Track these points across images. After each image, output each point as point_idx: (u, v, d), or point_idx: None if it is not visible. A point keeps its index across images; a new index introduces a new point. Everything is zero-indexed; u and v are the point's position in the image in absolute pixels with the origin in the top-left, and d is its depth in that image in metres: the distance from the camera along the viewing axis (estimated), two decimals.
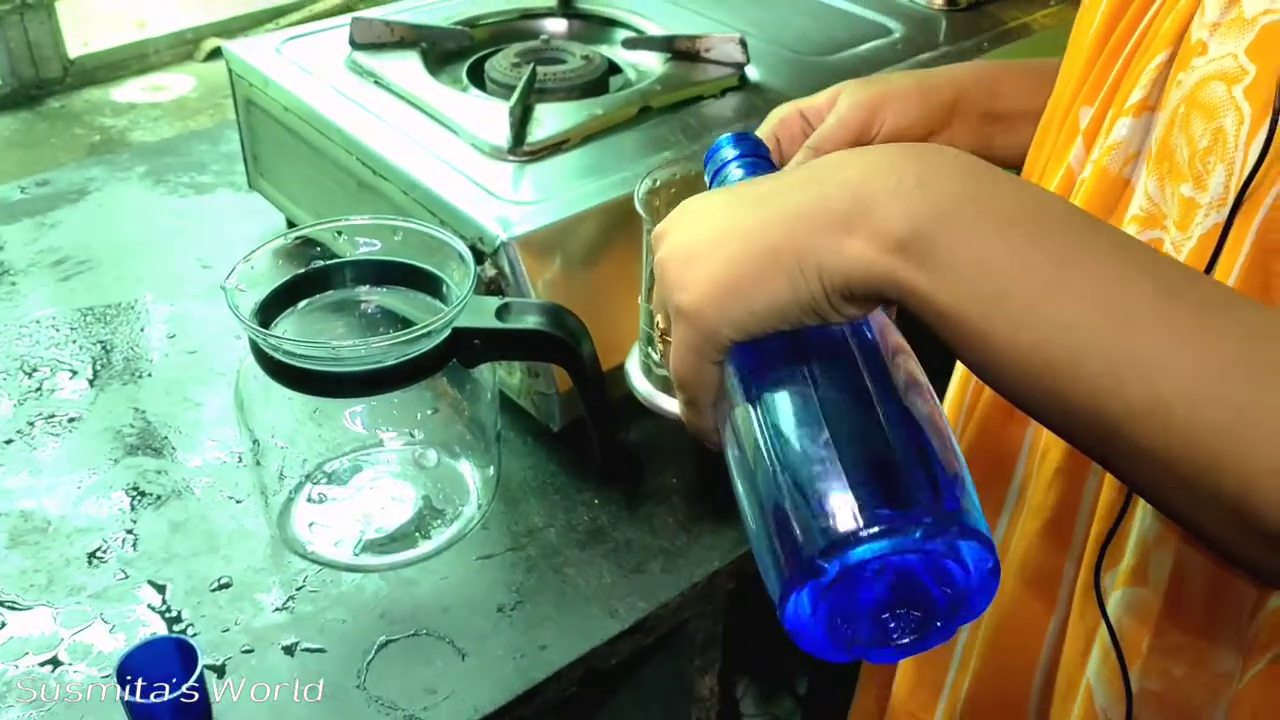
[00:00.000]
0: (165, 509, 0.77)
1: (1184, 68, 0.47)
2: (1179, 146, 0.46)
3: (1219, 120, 0.44)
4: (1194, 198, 0.45)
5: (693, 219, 0.44)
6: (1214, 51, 0.45)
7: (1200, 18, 0.47)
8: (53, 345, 0.92)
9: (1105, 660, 0.52)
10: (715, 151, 0.57)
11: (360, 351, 0.65)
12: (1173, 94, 0.48)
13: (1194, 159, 0.45)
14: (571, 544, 0.74)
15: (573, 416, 0.78)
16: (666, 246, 0.44)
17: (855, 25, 1.05)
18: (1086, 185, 0.52)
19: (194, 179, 1.16)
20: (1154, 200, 0.48)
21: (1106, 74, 0.52)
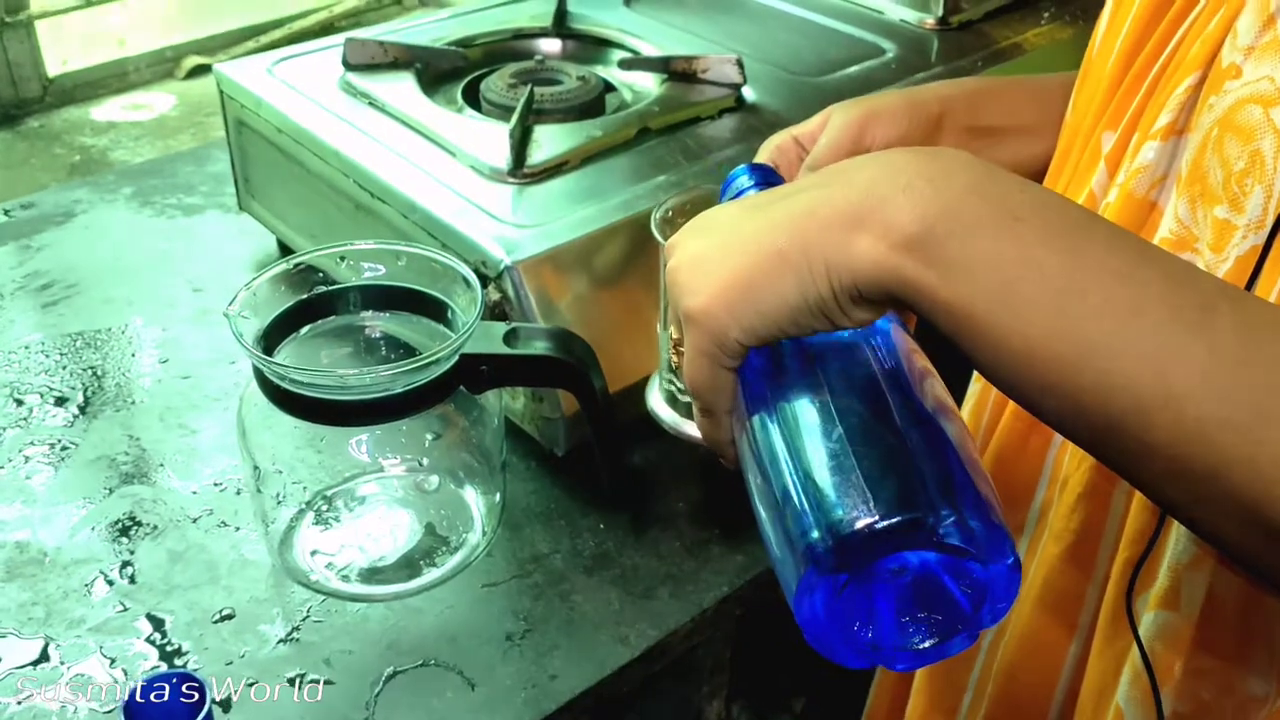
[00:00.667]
0: (163, 539, 0.75)
1: (1216, 91, 0.47)
2: (1212, 169, 0.47)
3: (1256, 143, 0.44)
4: (1230, 219, 0.46)
5: (703, 229, 0.45)
6: (1249, 75, 0.45)
7: (1233, 41, 0.47)
8: (42, 372, 0.91)
9: (1136, 683, 0.51)
10: (731, 181, 0.56)
11: (367, 380, 0.64)
12: (1204, 117, 0.48)
13: (1229, 181, 0.45)
14: (578, 570, 0.74)
15: (577, 441, 0.78)
16: (677, 256, 0.45)
17: (849, 45, 1.06)
18: (1112, 209, 0.52)
19: (182, 200, 1.15)
20: (1184, 223, 0.48)
21: (1130, 99, 0.52)
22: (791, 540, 0.39)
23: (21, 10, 1.35)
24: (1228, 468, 0.33)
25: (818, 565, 0.38)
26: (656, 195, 0.81)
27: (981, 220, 0.37)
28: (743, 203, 0.45)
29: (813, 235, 0.40)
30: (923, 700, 0.69)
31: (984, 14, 1.11)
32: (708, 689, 0.77)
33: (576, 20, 1.07)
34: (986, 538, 0.37)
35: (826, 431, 0.40)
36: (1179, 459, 0.34)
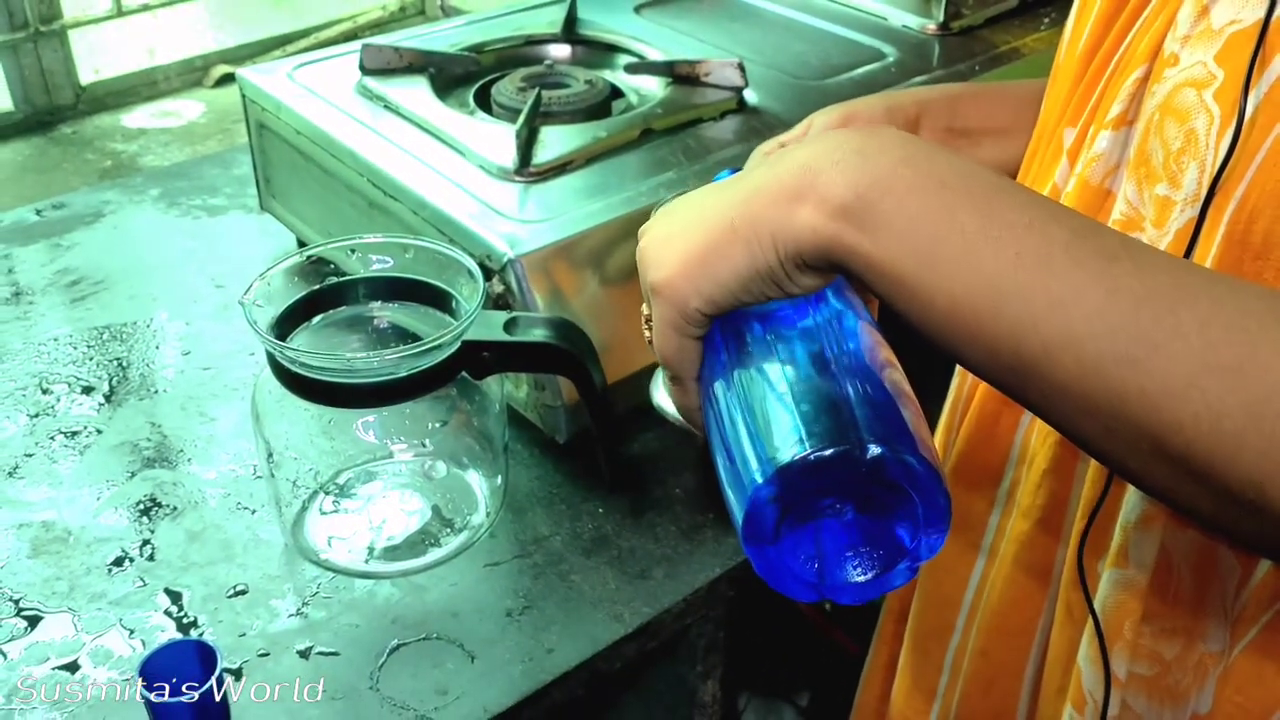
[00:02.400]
0: (182, 519, 0.79)
1: (1158, 79, 0.50)
2: (1155, 151, 0.49)
3: (1191, 123, 0.47)
4: (1169, 196, 0.49)
5: (668, 212, 0.48)
6: (1185, 61, 0.48)
7: (1173, 33, 0.49)
8: (70, 363, 0.94)
9: (1093, 643, 0.54)
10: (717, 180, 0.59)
11: (373, 364, 0.67)
12: (1148, 104, 0.50)
13: (1169, 160, 0.48)
14: (577, 551, 0.76)
15: (578, 428, 0.81)
16: (646, 237, 0.48)
17: (850, 50, 1.08)
18: (1070, 197, 0.54)
19: (206, 201, 1.19)
20: (1133, 204, 0.51)
21: (1089, 96, 0.55)
22: (742, 483, 0.42)
23: (55, 20, 1.40)
24: (1124, 400, 0.36)
25: (758, 496, 0.41)
26: (657, 193, 0.84)
27: (910, 187, 0.41)
28: (705, 188, 0.48)
29: (759, 209, 0.43)
30: (906, 681, 0.72)
31: (984, 19, 1.13)
32: (701, 668, 0.80)
33: (586, 26, 1.10)
34: (916, 473, 0.40)
35: (773, 385, 0.43)
36: (1084, 395, 0.37)
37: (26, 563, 0.75)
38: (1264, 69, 0.45)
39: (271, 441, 0.74)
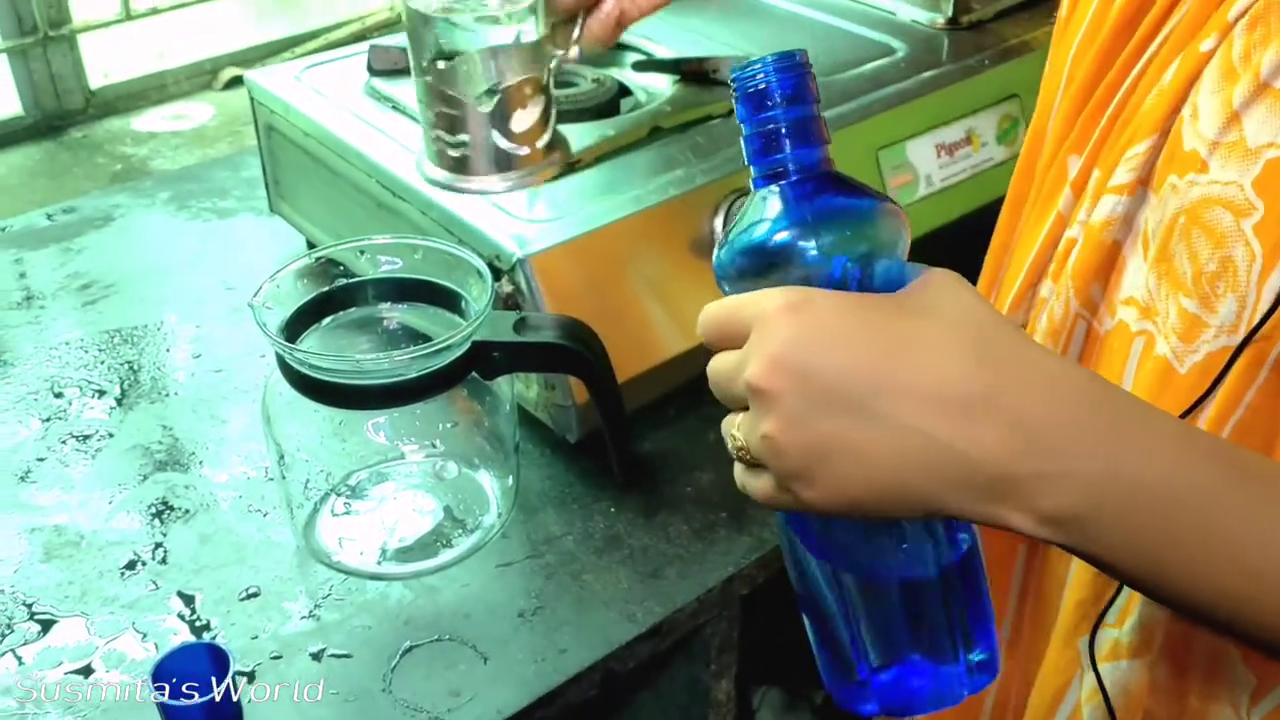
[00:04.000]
0: (194, 522, 0.79)
1: (1177, 167, 0.47)
2: (1178, 255, 0.48)
3: (1227, 250, 0.45)
4: (1200, 316, 0.47)
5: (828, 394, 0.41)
6: (1216, 174, 0.46)
7: (1193, 123, 0.47)
8: (81, 367, 0.95)
9: None
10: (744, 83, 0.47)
11: (383, 365, 0.67)
12: (1168, 196, 0.48)
13: (1199, 279, 0.47)
14: (589, 551, 0.76)
15: (589, 428, 0.80)
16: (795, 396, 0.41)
17: (859, 45, 1.08)
18: (1081, 250, 0.53)
19: (216, 204, 1.19)
20: (1152, 294, 0.50)
21: (1092, 127, 0.53)
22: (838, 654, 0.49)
23: (64, 24, 1.40)
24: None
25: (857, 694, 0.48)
26: (666, 191, 0.84)
27: (1119, 505, 0.39)
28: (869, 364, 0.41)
29: (949, 494, 0.40)
30: None
31: (994, 13, 1.13)
32: (715, 668, 0.80)
33: None
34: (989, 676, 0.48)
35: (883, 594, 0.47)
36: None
37: (39, 567, 0.75)
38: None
39: (282, 443, 0.74)
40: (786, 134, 0.45)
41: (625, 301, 0.81)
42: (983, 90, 1.02)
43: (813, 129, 0.45)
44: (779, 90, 0.44)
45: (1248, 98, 0.45)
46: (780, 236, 0.44)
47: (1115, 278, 0.53)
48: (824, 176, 0.45)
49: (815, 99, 0.45)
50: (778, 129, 0.44)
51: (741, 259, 0.45)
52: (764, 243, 0.45)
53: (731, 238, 0.46)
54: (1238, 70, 0.46)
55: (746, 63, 0.45)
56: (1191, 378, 0.48)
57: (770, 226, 0.45)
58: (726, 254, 0.46)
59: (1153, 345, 0.50)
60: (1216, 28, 0.47)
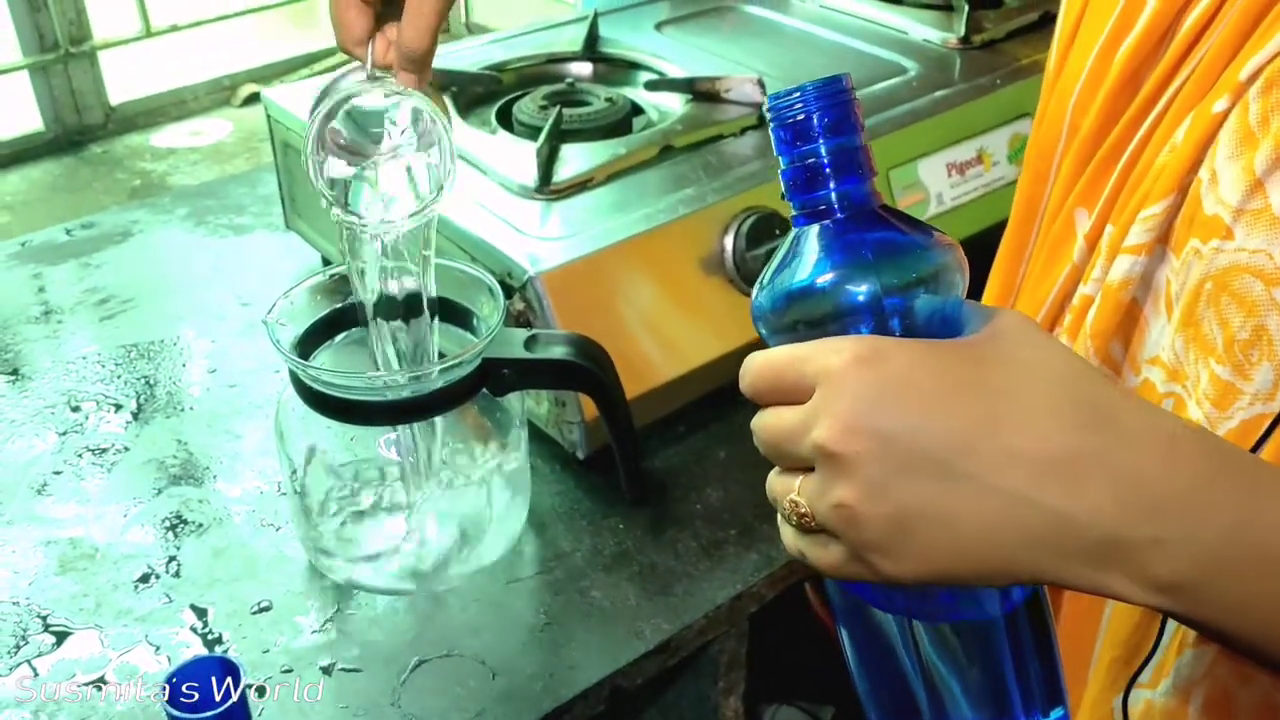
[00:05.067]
0: (207, 536, 0.80)
1: (1199, 231, 0.47)
2: (1206, 320, 0.47)
3: (1260, 318, 0.44)
4: (1233, 383, 0.46)
5: (911, 459, 0.38)
6: (1242, 241, 0.45)
7: (1213, 187, 0.46)
8: (98, 381, 0.96)
9: None
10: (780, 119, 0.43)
11: (394, 381, 0.67)
12: (1191, 261, 0.47)
13: (1232, 346, 0.46)
14: (598, 568, 0.77)
15: (598, 445, 0.81)
16: (875, 461, 0.38)
17: (871, 65, 1.08)
18: (1100, 309, 0.53)
19: (233, 220, 1.20)
20: (1179, 358, 0.49)
21: (1102, 181, 0.53)
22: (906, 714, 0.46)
23: (85, 41, 1.42)
24: None
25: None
26: (676, 209, 0.85)
27: (1235, 569, 0.37)
28: (952, 428, 0.38)
29: (1050, 561, 0.38)
30: None
31: (1006, 33, 1.13)
32: (724, 685, 0.80)
33: (607, 44, 1.11)
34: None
35: (955, 663, 0.44)
36: None
37: (54, 579, 0.76)
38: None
39: (294, 458, 0.75)
40: (831, 168, 0.41)
41: (636, 319, 0.82)
42: (994, 109, 1.02)
43: (860, 160, 0.42)
44: (823, 120, 0.41)
45: (1270, 164, 0.44)
46: (833, 281, 0.41)
47: (1137, 336, 0.52)
48: (873, 212, 0.42)
49: (861, 127, 0.42)
50: (821, 163, 0.41)
51: (789, 305, 0.42)
52: (815, 287, 0.41)
53: (774, 281, 0.43)
54: (1256, 135, 0.45)
55: (785, 90, 0.42)
56: None
57: (819, 269, 0.41)
58: (768, 298, 0.43)
59: (1183, 408, 0.49)
60: (1228, 88, 0.46)
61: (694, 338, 0.84)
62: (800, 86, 0.41)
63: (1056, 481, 0.37)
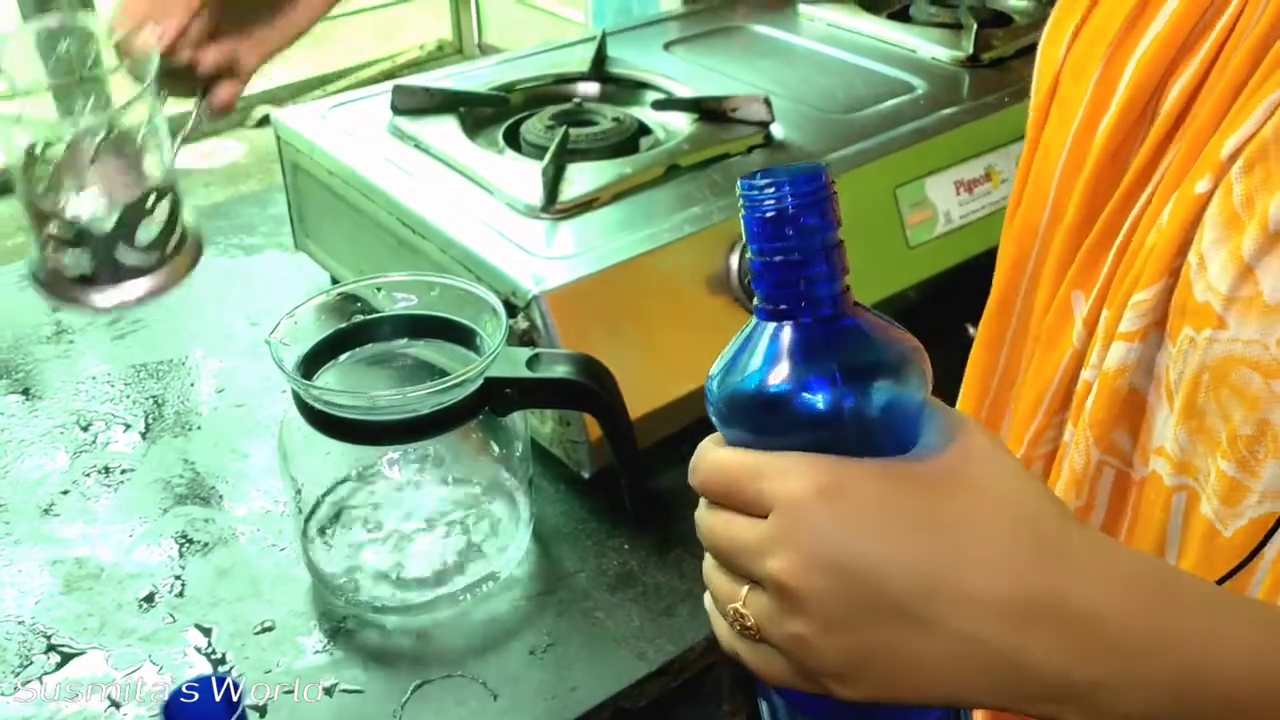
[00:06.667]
0: (212, 556, 0.80)
1: (1191, 320, 0.45)
2: (1209, 413, 0.46)
3: (1262, 413, 0.43)
4: (1241, 481, 0.45)
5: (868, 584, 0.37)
6: (1236, 331, 0.43)
7: (1201, 273, 0.44)
8: (107, 400, 0.96)
9: None
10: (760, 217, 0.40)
11: (397, 401, 0.68)
12: (1186, 349, 0.46)
13: (1235, 441, 0.44)
14: (602, 588, 0.76)
15: (603, 464, 0.81)
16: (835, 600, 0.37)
17: (879, 83, 1.08)
18: (1096, 397, 0.51)
19: (243, 240, 1.21)
20: (1184, 450, 0.48)
21: (1095, 264, 0.51)
22: None
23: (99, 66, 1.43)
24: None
25: None
26: (682, 228, 0.85)
27: (1200, 707, 0.37)
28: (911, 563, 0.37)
29: (1006, 699, 0.38)
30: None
31: (1014, 51, 1.13)
32: (728, 707, 0.79)
33: (615, 64, 1.11)
34: None
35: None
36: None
37: (59, 599, 0.76)
38: None
39: (298, 478, 0.75)
40: (804, 268, 0.39)
41: (641, 338, 0.82)
42: (1002, 127, 1.02)
43: (835, 260, 0.39)
44: (799, 218, 0.38)
45: (1258, 249, 0.42)
46: (793, 388, 0.39)
47: (1145, 426, 0.50)
48: (843, 317, 0.40)
49: (838, 223, 0.39)
50: (793, 262, 0.39)
51: (744, 403, 0.40)
52: (774, 392, 0.39)
53: (729, 375, 0.40)
54: (1242, 218, 0.43)
55: (757, 174, 0.39)
56: (1236, 542, 0.46)
57: (780, 374, 0.39)
58: (722, 392, 0.40)
59: (1196, 504, 0.48)
60: (1210, 167, 0.45)
61: (699, 357, 0.83)
62: (776, 175, 0.38)
63: (1013, 625, 0.37)
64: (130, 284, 0.66)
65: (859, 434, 0.39)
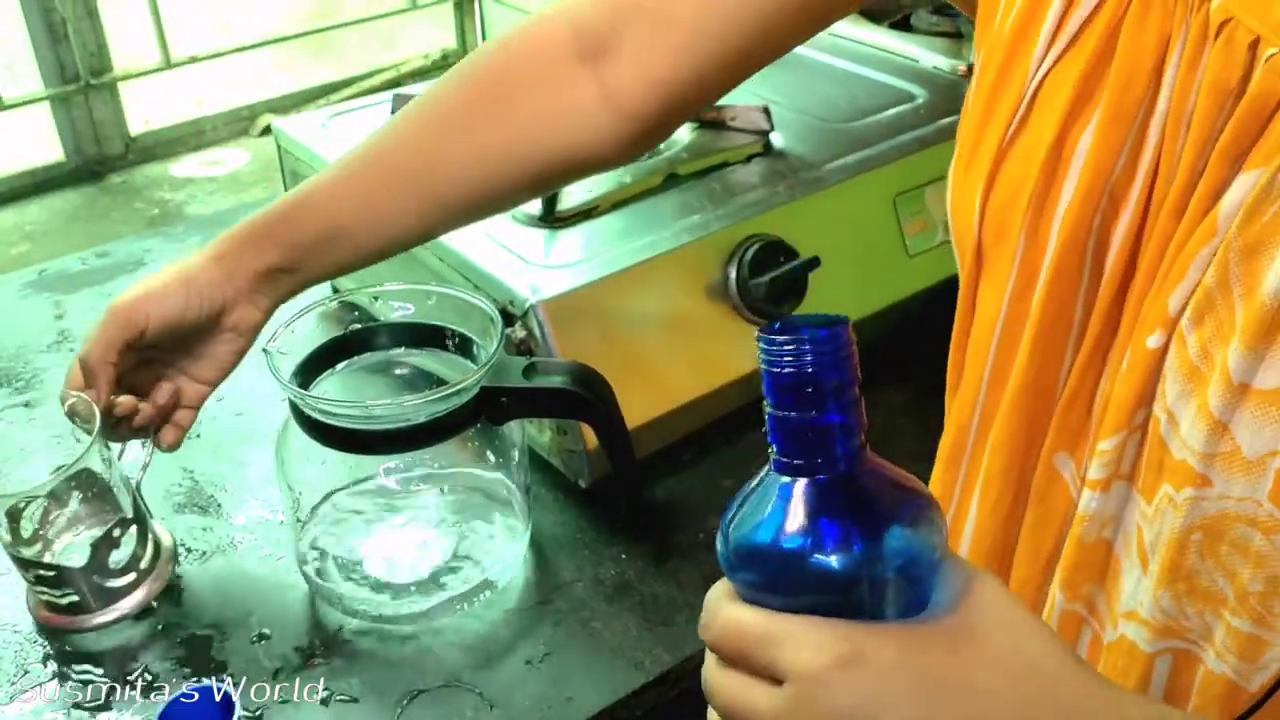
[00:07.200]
0: (209, 564, 0.80)
1: (1170, 478, 0.44)
2: (1206, 573, 0.44)
3: (1270, 570, 0.42)
4: (1260, 635, 0.44)
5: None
6: (1222, 489, 0.42)
7: (1174, 431, 0.44)
8: None
9: None
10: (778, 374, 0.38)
11: (393, 410, 0.68)
12: (1166, 510, 0.45)
13: (1246, 599, 0.43)
14: (599, 598, 0.76)
15: (601, 473, 0.81)
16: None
17: (879, 92, 1.08)
18: (1065, 552, 0.50)
19: None
20: (1169, 614, 0.46)
21: (1074, 423, 0.50)
22: None
23: (105, 72, 1.44)
24: None
25: None
26: (681, 237, 0.84)
27: None
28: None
29: None
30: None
31: None
32: None
33: None
34: None
35: None
36: None
37: None
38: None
39: (295, 487, 0.75)
40: (821, 428, 0.37)
41: (639, 347, 0.82)
42: None
43: (853, 417, 0.38)
44: (820, 380, 0.37)
45: (1226, 405, 0.41)
46: (809, 548, 0.38)
47: (1112, 584, 0.49)
48: (859, 476, 0.38)
49: (857, 379, 0.38)
50: (812, 423, 0.37)
51: (762, 564, 0.39)
52: (792, 555, 0.38)
53: (742, 529, 0.39)
54: (1202, 370, 0.42)
55: (778, 325, 0.37)
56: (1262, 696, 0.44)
57: (800, 536, 0.38)
58: (737, 549, 0.39)
59: (1191, 665, 0.47)
60: (1159, 323, 0.44)
61: (697, 366, 0.84)
62: (796, 330, 0.37)
63: None
64: (120, 603, 0.75)
65: (875, 594, 0.38)
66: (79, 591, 0.73)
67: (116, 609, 0.74)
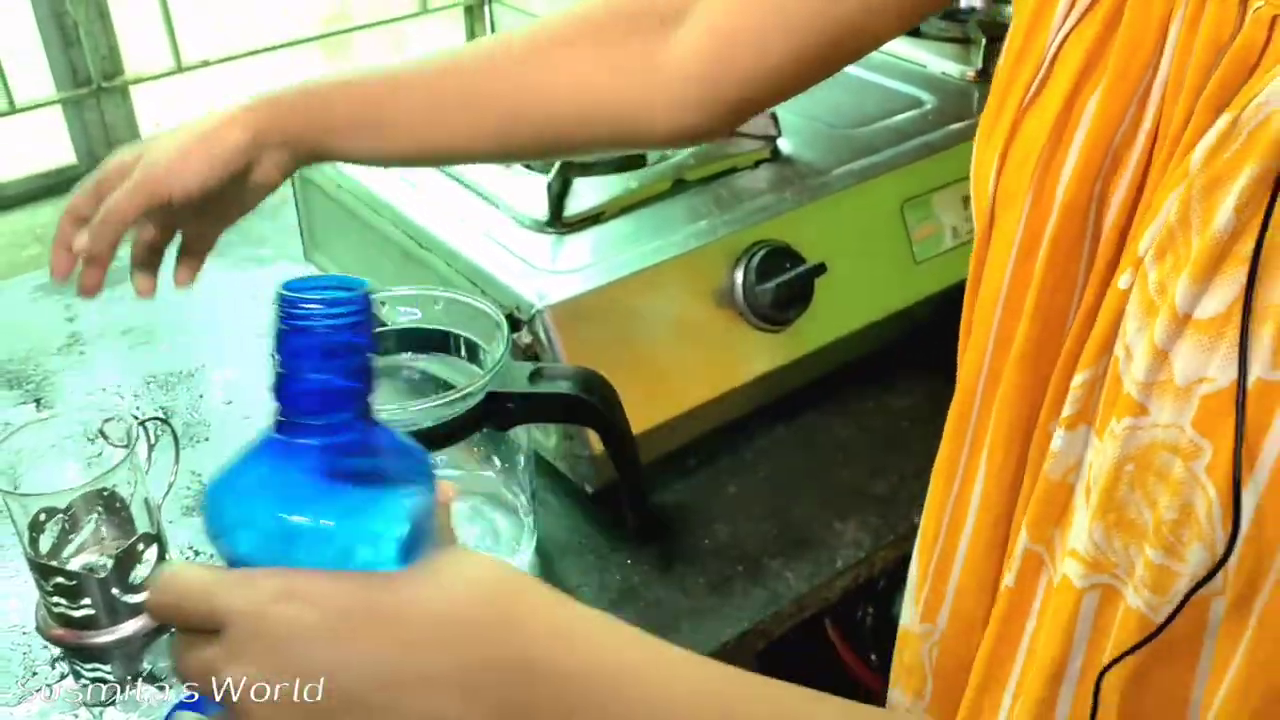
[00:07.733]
0: None
1: (1117, 411, 0.44)
2: (1132, 504, 0.44)
3: (1185, 497, 0.42)
4: (1169, 566, 0.43)
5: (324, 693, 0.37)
6: (1156, 417, 0.42)
7: (1128, 365, 0.44)
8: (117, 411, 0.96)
9: None
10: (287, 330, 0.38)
11: (399, 415, 0.68)
12: (1108, 443, 0.45)
13: (1160, 528, 0.43)
14: (604, 603, 0.76)
15: (607, 478, 0.81)
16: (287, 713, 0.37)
17: (888, 97, 1.08)
18: (1037, 494, 0.50)
19: (254, 253, 1.21)
20: (1099, 547, 0.46)
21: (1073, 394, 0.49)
22: None
23: (117, 75, 1.44)
24: None
25: None
26: (688, 242, 0.85)
27: None
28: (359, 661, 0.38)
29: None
30: None
31: None
32: None
33: None
34: None
35: None
36: None
37: None
38: (1251, 466, 0.39)
39: None
40: (326, 391, 0.37)
41: (646, 353, 0.82)
42: None
43: (359, 384, 0.38)
44: (327, 339, 0.37)
45: (1170, 333, 0.41)
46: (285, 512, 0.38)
47: (1067, 526, 0.49)
48: (358, 446, 0.39)
49: (369, 346, 0.38)
50: (313, 385, 0.37)
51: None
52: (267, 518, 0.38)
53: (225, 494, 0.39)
54: (1157, 305, 0.42)
55: (298, 282, 0.38)
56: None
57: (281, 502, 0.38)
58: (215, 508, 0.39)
59: (1114, 600, 0.46)
60: (1130, 263, 0.44)
61: (703, 372, 0.84)
62: (315, 293, 0.37)
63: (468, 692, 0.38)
64: (128, 623, 0.75)
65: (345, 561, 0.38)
66: (95, 604, 0.73)
67: (124, 628, 0.74)
